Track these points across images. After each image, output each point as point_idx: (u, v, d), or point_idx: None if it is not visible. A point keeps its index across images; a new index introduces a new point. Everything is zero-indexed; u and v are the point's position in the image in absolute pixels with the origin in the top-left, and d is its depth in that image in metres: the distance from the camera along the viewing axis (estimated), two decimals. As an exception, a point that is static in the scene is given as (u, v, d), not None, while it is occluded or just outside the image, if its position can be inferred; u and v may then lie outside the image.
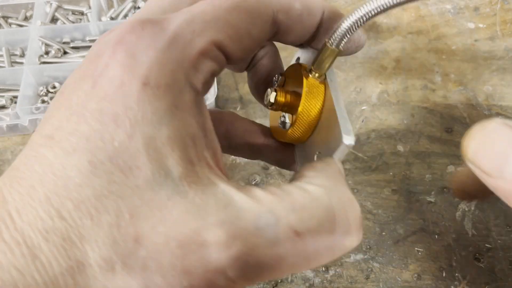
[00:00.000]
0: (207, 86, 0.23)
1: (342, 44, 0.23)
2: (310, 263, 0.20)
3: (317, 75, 0.24)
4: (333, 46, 0.23)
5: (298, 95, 0.25)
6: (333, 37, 0.23)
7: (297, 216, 0.20)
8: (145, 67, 0.21)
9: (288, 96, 0.25)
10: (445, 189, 0.40)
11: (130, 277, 0.20)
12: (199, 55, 0.22)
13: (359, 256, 0.36)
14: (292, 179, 0.23)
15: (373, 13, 0.22)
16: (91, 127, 0.21)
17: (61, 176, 0.21)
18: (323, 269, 0.35)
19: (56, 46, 0.50)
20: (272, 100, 0.25)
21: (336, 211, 0.21)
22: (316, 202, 0.21)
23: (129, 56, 0.21)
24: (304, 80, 0.24)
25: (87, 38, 0.51)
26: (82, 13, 0.54)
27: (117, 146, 0.20)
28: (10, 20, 0.53)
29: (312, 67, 0.24)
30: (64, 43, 0.51)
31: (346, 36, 0.23)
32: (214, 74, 0.23)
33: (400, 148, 0.42)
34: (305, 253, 0.20)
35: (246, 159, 0.38)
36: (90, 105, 0.21)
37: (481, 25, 0.53)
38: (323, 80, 0.24)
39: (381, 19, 0.54)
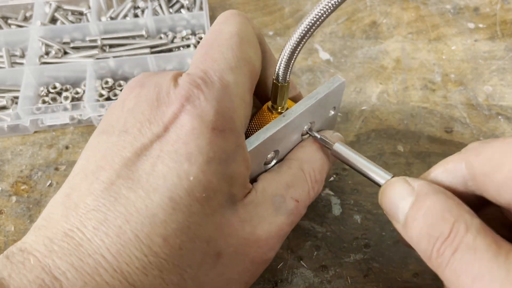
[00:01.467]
0: (244, 129, 0.28)
1: (282, 78, 0.29)
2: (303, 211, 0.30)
3: (278, 109, 0.31)
4: (279, 81, 0.29)
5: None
6: (277, 74, 0.29)
7: (292, 189, 0.29)
8: (211, 115, 0.25)
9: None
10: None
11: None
12: (244, 103, 0.27)
13: (359, 256, 0.36)
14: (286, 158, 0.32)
15: (297, 45, 0.27)
16: (167, 166, 0.24)
17: (147, 215, 0.23)
18: (323, 269, 0.35)
19: (56, 46, 0.50)
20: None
21: (306, 172, 0.30)
22: (295, 173, 0.30)
23: (196, 107, 0.25)
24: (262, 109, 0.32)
25: (87, 38, 0.51)
26: (81, 13, 0.54)
27: (192, 181, 0.23)
28: (9, 21, 0.53)
29: (271, 103, 0.31)
30: (64, 43, 0.51)
31: (286, 69, 0.28)
32: (248, 118, 0.28)
33: (400, 148, 0.42)
34: (299, 208, 0.29)
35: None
36: (165, 148, 0.24)
37: (481, 25, 0.53)
38: (278, 113, 0.31)
39: (381, 19, 0.54)
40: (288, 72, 0.28)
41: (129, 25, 0.51)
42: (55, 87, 0.48)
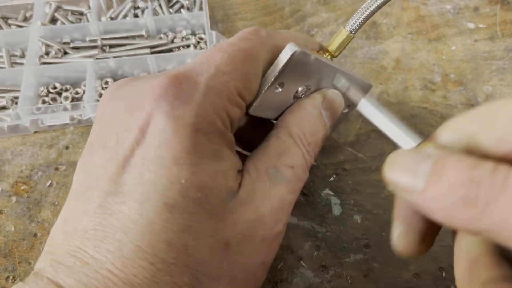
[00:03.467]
0: (235, 129, 0.27)
1: (353, 29, 0.32)
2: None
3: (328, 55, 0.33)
4: (350, 32, 0.32)
5: None
6: (351, 25, 0.32)
7: (283, 157, 0.28)
8: (192, 116, 0.24)
9: None
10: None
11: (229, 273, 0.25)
12: (228, 103, 0.26)
13: (359, 256, 0.36)
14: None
15: (382, 4, 0.30)
16: (155, 173, 0.23)
17: (144, 224, 0.23)
18: (323, 269, 0.35)
19: (56, 47, 0.50)
20: None
21: (295, 136, 0.29)
22: (284, 140, 0.28)
23: (175, 108, 0.24)
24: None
25: (87, 38, 0.51)
26: (81, 13, 0.54)
27: (184, 183, 0.23)
28: (9, 21, 0.53)
29: (328, 49, 0.33)
30: (64, 43, 0.51)
31: (361, 23, 0.32)
32: (239, 119, 0.27)
33: (400, 148, 0.42)
34: (296, 173, 0.28)
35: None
36: (148, 154, 0.23)
37: (481, 25, 0.53)
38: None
39: (381, 19, 0.54)
40: (360, 27, 0.32)
41: (129, 25, 0.51)
42: (55, 87, 0.48)
